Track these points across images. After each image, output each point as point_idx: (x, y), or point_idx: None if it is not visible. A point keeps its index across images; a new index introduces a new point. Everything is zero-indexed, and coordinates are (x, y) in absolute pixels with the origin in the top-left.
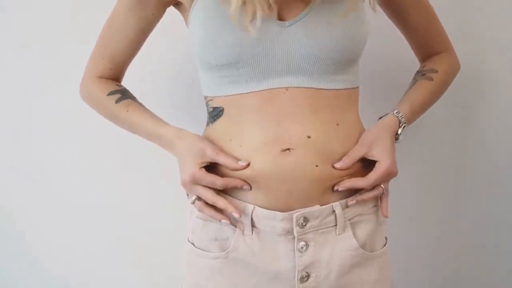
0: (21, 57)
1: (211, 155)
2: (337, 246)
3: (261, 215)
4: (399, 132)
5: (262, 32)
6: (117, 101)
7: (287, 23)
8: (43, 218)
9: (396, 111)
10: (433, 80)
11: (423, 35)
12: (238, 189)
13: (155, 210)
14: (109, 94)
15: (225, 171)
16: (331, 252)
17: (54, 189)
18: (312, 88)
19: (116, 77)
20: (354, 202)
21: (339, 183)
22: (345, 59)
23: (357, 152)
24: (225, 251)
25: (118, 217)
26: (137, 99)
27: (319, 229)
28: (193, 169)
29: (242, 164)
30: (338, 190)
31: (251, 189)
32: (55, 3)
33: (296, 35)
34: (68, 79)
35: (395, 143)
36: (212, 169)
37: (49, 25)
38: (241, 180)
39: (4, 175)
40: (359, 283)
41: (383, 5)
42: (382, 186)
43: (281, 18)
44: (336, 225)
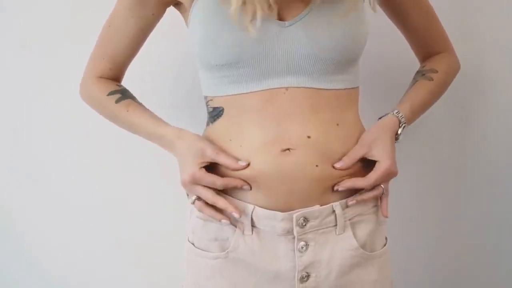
0: (21, 57)
1: (211, 155)
2: (337, 246)
3: (261, 215)
4: (399, 132)
5: (262, 32)
6: (117, 101)
7: (287, 23)
8: (43, 218)
9: (396, 111)
10: (433, 80)
11: (423, 35)
12: (238, 189)
13: (155, 210)
14: (109, 94)
15: (225, 171)
16: (331, 252)
17: (54, 189)
18: (312, 88)
19: (116, 77)
20: (354, 202)
21: (339, 183)
22: (345, 59)
23: (357, 152)
24: (225, 251)
25: (118, 217)
26: (137, 99)
27: (319, 229)
28: (193, 169)
29: (242, 164)
30: (338, 190)
31: (251, 189)
32: (55, 3)
33: (296, 35)
34: (68, 79)
35: (395, 143)
36: (212, 169)
37: (49, 25)
38: (241, 180)
39: (4, 175)
40: (359, 283)
41: (383, 5)
42: (382, 186)
43: (281, 18)
44: (336, 225)
